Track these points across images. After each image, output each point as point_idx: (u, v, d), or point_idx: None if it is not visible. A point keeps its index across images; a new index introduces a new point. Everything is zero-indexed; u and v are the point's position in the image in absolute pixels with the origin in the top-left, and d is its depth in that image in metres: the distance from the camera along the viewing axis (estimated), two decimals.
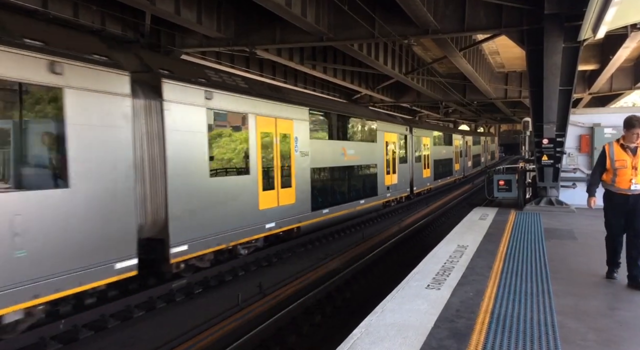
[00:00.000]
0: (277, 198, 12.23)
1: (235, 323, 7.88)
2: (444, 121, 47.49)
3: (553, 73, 12.11)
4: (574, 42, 11.98)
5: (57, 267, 6.61)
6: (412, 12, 12.50)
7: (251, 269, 11.25)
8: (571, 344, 4.41)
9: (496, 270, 6.83)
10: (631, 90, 28.62)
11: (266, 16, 13.40)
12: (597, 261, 7.50)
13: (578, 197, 13.57)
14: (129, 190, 7.77)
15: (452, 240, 9.06)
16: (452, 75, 26.51)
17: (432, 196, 27.45)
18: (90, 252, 7.10)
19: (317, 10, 13.11)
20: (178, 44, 14.61)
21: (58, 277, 6.63)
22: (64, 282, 6.73)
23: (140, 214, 8.20)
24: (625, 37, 15.67)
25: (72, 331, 7.28)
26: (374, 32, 13.61)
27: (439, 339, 4.44)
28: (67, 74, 6.80)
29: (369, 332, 4.63)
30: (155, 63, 9.22)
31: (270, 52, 16.06)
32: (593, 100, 31.67)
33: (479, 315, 5.05)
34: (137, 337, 7.44)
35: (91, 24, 11.92)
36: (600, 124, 13.66)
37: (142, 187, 8.31)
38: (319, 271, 11.24)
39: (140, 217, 8.20)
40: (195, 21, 12.63)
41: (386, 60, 18.61)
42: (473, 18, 13.31)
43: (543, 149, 12.84)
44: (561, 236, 9.53)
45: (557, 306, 5.33)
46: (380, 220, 19.17)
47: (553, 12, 11.80)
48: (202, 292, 9.61)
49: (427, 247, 9.73)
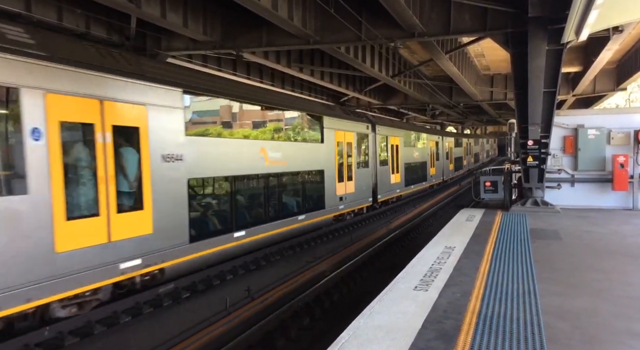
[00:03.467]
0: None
1: (223, 327, 7.83)
2: (431, 123, 47.79)
3: (537, 75, 12.26)
4: (558, 44, 12.13)
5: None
6: (398, 15, 12.57)
7: (239, 272, 11.19)
8: (557, 343, 4.45)
9: (483, 271, 6.88)
10: (614, 92, 29.06)
11: (253, 19, 13.39)
12: (582, 261, 7.60)
13: (563, 197, 13.79)
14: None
15: (440, 241, 9.11)
16: (438, 77, 26.70)
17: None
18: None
19: (304, 14, 13.14)
20: (164, 47, 14.53)
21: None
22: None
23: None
24: (608, 40, 15.92)
25: (58, 338, 7.18)
26: (361, 35, 13.67)
27: (427, 340, 4.46)
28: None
29: (357, 334, 4.63)
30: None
31: (257, 55, 16.05)
32: (577, 102, 32.12)
33: (466, 316, 5.08)
34: (123, 343, 7.36)
35: (76, 28, 11.83)
36: (584, 125, 13.85)
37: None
38: (307, 274, 11.23)
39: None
40: (182, 24, 12.58)
41: (373, 63, 18.69)
42: (458, 21, 13.44)
43: (528, 150, 12.99)
44: (547, 236, 9.63)
45: (543, 306, 5.39)
46: (367, 223, 19.19)
47: (537, 15, 11.96)
48: (190, 296, 9.53)
49: (415, 248, 9.77)
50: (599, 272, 6.93)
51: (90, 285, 7.49)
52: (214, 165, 10.43)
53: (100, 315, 7.98)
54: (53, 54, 7.04)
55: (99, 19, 12.41)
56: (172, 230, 9.11)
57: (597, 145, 13.68)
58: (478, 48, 21.47)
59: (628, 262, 7.49)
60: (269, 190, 12.67)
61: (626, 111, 16.44)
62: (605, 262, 7.48)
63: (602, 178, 13.59)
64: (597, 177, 13.67)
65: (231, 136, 12.01)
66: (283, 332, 7.90)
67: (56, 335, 7.20)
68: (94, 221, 7.54)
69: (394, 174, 23.24)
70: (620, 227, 10.68)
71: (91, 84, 7.52)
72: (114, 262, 7.84)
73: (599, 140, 13.68)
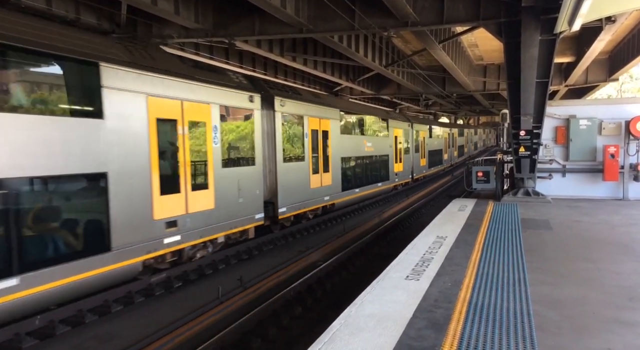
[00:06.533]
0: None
1: (215, 317, 7.85)
2: (424, 113, 47.75)
3: (530, 65, 12.26)
4: (551, 34, 12.12)
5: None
6: (391, 4, 12.49)
7: (232, 262, 11.20)
8: (546, 331, 4.50)
9: (474, 261, 6.92)
10: (606, 83, 29.14)
11: (245, 7, 13.26)
12: (572, 250, 7.66)
13: (554, 187, 13.87)
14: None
15: (432, 231, 9.14)
16: (431, 67, 26.64)
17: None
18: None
19: (297, 2, 13.01)
20: (155, 35, 14.36)
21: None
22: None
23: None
24: (600, 30, 15.92)
25: (49, 327, 7.17)
26: (354, 24, 13.58)
27: (418, 329, 4.48)
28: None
29: (349, 323, 4.65)
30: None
31: (249, 44, 15.90)
32: (569, 93, 32.21)
33: (457, 305, 5.11)
34: (114, 332, 7.36)
35: (65, 14, 11.65)
36: (576, 115, 13.91)
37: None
38: (300, 264, 11.25)
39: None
40: (173, 12, 12.42)
41: (366, 53, 18.60)
42: (452, 10, 13.37)
43: (520, 141, 13.02)
44: (537, 226, 9.69)
45: (533, 295, 5.43)
46: (360, 213, 19.24)
47: (530, 5, 11.92)
48: (182, 286, 9.54)
49: (407, 238, 9.80)
50: (589, 261, 6.99)
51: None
52: (349, 149, 18.32)
53: (91, 304, 7.96)
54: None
55: (89, 5, 12.22)
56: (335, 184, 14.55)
57: (589, 135, 13.75)
58: (471, 38, 21.42)
59: (617, 252, 7.56)
60: (366, 166, 20.84)
61: (618, 102, 16.47)
62: (595, 252, 7.55)
63: (593, 168, 13.68)
64: (588, 167, 13.75)
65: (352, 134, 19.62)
66: (275, 321, 7.93)
67: (47, 323, 7.19)
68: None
69: (422, 158, 30.99)
70: (610, 217, 10.77)
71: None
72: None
73: (590, 130, 13.75)
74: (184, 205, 9.71)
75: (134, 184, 8.40)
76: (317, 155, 15.99)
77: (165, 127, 9.31)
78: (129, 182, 8.27)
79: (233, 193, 11.36)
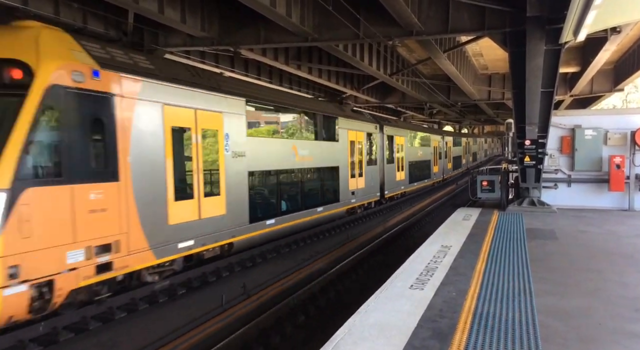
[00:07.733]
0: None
1: (218, 324, 7.82)
2: (428, 122, 47.79)
3: (535, 75, 12.26)
4: (556, 44, 12.14)
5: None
6: (396, 13, 12.55)
7: (235, 269, 11.18)
8: (551, 342, 4.46)
9: (479, 270, 6.88)
10: (611, 93, 29.12)
11: (250, 16, 13.34)
12: (577, 261, 7.61)
13: (560, 197, 13.81)
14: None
15: (436, 240, 9.11)
16: (436, 76, 26.68)
17: (408, 200, 25.33)
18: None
19: (302, 11, 13.10)
20: (162, 43, 14.47)
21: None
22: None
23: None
24: (605, 40, 15.94)
25: (52, 333, 7.15)
26: (359, 33, 13.64)
27: (422, 339, 4.45)
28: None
29: (352, 332, 4.63)
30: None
31: (255, 52, 15.99)
32: (574, 102, 32.16)
33: (462, 315, 5.07)
34: (118, 339, 7.34)
35: (72, 22, 11.75)
36: (581, 125, 13.87)
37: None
38: (304, 272, 11.22)
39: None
40: (179, 20, 12.52)
41: (371, 61, 18.66)
42: (456, 20, 13.42)
43: (525, 150, 13.00)
44: (543, 236, 9.64)
45: (538, 305, 5.39)
46: (365, 221, 19.20)
47: (535, 15, 11.95)
48: (185, 293, 9.51)
49: (412, 247, 9.77)
50: (595, 272, 6.94)
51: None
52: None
53: (95, 311, 7.96)
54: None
55: (96, 13, 12.34)
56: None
57: (594, 145, 13.70)
58: (476, 47, 21.46)
59: (623, 263, 7.51)
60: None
61: (623, 112, 16.47)
62: (601, 263, 7.50)
63: (599, 178, 13.62)
64: (594, 177, 13.70)
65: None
66: (278, 329, 7.89)
67: (50, 330, 7.18)
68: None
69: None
70: (616, 227, 10.71)
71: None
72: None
73: (595, 140, 13.71)
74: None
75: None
76: (401, 161, 25.49)
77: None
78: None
79: (370, 179, 20.39)
